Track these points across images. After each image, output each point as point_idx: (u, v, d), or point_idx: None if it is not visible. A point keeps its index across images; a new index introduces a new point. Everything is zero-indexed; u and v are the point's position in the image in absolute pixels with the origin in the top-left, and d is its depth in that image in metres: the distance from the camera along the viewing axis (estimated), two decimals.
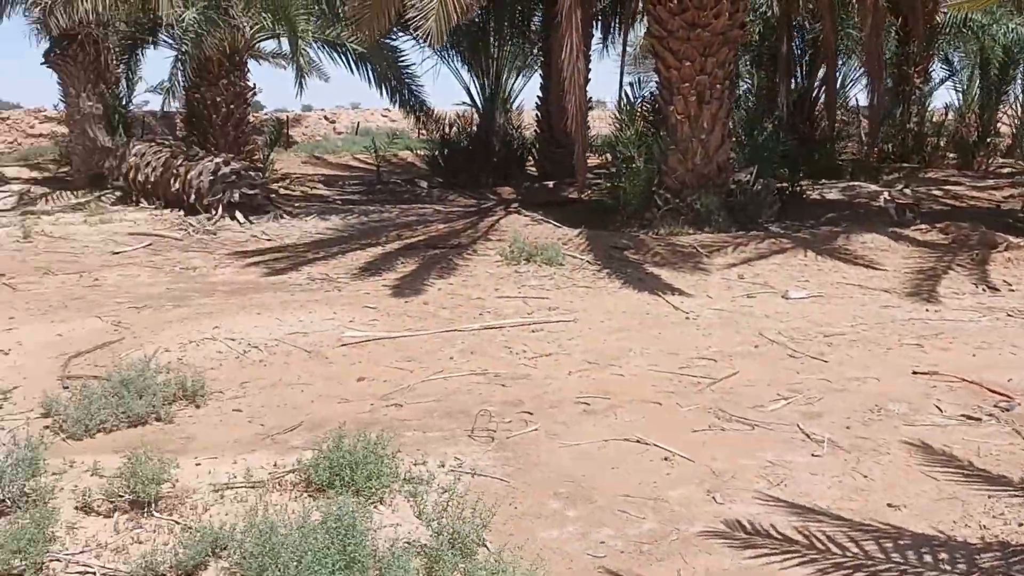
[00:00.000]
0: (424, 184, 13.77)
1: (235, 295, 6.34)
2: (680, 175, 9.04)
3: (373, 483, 2.97)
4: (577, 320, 5.61)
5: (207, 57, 11.08)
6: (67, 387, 4.19)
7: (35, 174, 16.19)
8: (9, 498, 2.84)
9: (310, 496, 2.99)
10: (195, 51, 10.33)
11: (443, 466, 3.28)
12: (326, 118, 29.62)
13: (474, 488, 3.09)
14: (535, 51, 14.85)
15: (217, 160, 9.89)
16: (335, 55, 12.91)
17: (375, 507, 2.89)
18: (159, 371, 4.02)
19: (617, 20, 14.22)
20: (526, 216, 9.72)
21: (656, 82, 10.23)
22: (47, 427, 3.63)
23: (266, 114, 26.28)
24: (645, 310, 5.96)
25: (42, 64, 12.88)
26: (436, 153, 14.33)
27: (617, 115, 11.30)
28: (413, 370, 4.56)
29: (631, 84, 13.25)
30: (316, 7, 11.79)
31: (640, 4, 11.76)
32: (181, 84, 10.82)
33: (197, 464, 3.26)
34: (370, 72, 13.19)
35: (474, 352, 4.90)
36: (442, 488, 3.03)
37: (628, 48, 13.51)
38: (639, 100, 12.69)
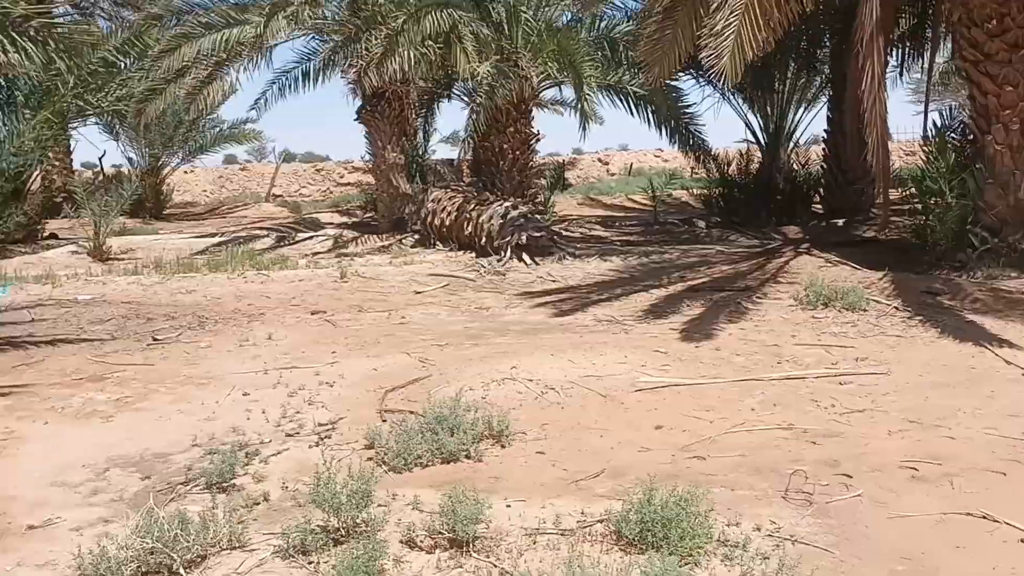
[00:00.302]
0: (702, 224, 13.52)
1: (527, 335, 6.52)
2: (999, 212, 8.11)
3: (686, 542, 2.84)
4: (890, 373, 5.13)
5: (497, 107, 11.71)
6: (385, 420, 4.48)
7: (345, 219, 18.02)
8: (344, 527, 3.05)
9: (621, 550, 2.92)
10: (489, 102, 10.95)
11: (759, 529, 3.07)
12: (599, 160, 30.21)
13: (796, 557, 2.85)
14: (821, 82, 14.15)
15: (506, 204, 10.36)
16: (615, 99, 13.12)
17: (691, 569, 2.75)
18: (467, 409, 4.17)
19: (912, 45, 13.14)
20: (818, 257, 9.18)
21: (967, 110, 9.32)
22: (370, 459, 3.88)
23: (541, 158, 27.38)
24: (969, 364, 5.32)
25: (354, 120, 14.30)
26: (714, 192, 14.04)
27: (922, 146, 10.38)
28: (712, 420, 4.38)
29: (936, 112, 12.18)
30: (599, 53, 12.08)
31: (949, 26, 10.77)
32: (475, 133, 11.45)
33: (507, 506, 3.31)
34: (649, 114, 13.25)
35: (777, 404, 4.62)
36: (759, 554, 2.83)
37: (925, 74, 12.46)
38: (944, 129, 11.62)
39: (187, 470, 3.81)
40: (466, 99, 19.01)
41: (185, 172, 25.50)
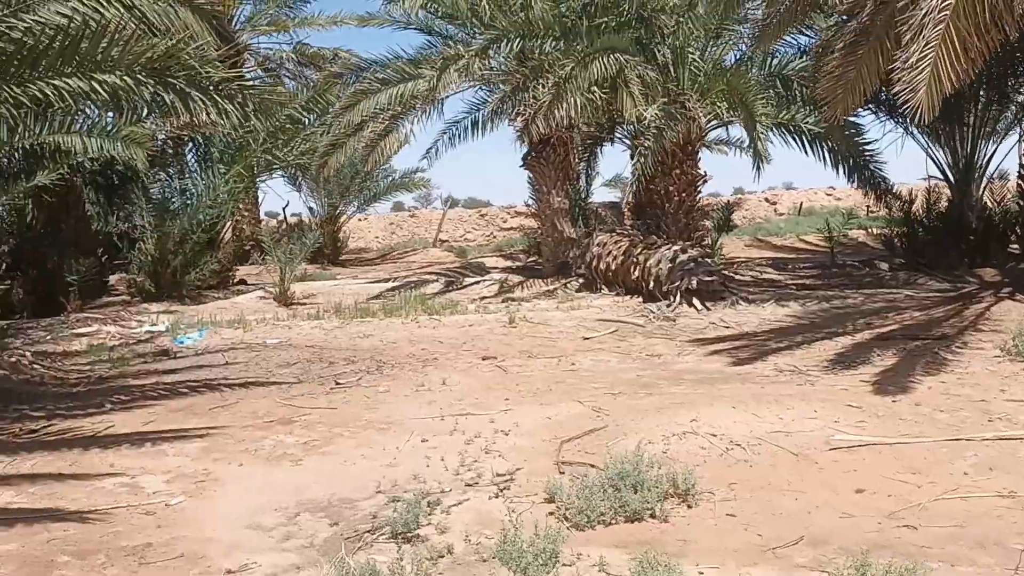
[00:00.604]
0: (884, 266, 12.74)
1: (703, 384, 6.27)
2: None
3: None
4: None
5: (663, 149, 11.55)
6: (563, 472, 4.39)
7: (509, 263, 18.28)
8: None
9: None
10: (656, 145, 10.82)
11: None
12: (766, 200, 29.29)
13: None
14: (1015, 113, 13.12)
15: (675, 248, 10.14)
16: (787, 137, 12.66)
17: None
18: (650, 465, 4.01)
19: None
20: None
21: None
22: (551, 513, 3.79)
23: (703, 199, 26.82)
24: None
25: (520, 166, 14.54)
26: (897, 232, 13.22)
27: None
28: (920, 484, 4.00)
29: None
30: (770, 91, 11.72)
31: None
32: (641, 176, 11.33)
33: (700, 573, 3.13)
34: (825, 152, 12.69)
35: (993, 468, 4.18)
36: None
37: None
38: None
39: (373, 517, 3.85)
40: (627, 142, 19.04)
41: (359, 219, 26.81)
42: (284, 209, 24.78)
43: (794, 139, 12.55)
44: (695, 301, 9.42)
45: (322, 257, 20.16)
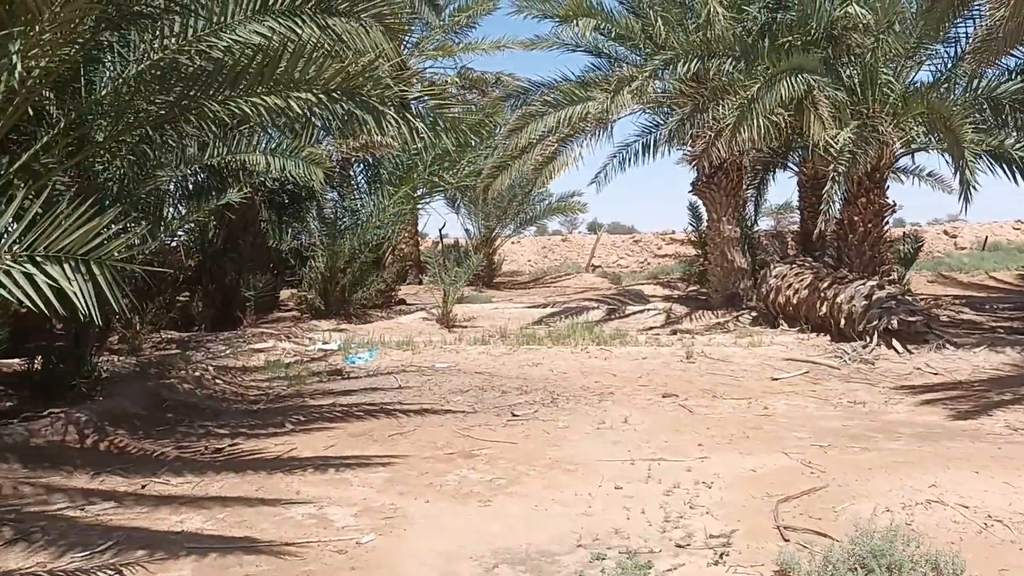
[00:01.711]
0: None
1: (924, 441, 5.55)
2: None
3: None
4: None
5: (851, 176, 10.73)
6: (788, 540, 3.86)
7: (667, 292, 17.66)
8: None
9: None
10: (850, 171, 10.05)
11: None
12: (945, 232, 27.34)
13: None
14: None
15: (870, 283, 9.32)
16: (994, 165, 11.50)
17: None
18: (904, 541, 3.42)
19: None
20: None
21: None
22: None
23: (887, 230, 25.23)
24: None
25: (689, 191, 13.98)
26: None
27: None
28: None
29: None
30: (977, 115, 10.69)
31: None
32: (829, 204, 10.53)
33: None
34: None
35: None
36: None
37: None
38: None
39: None
40: (794, 168, 18.08)
41: (512, 243, 26.82)
42: (441, 231, 25.13)
43: (1003, 168, 11.38)
44: (895, 343, 8.55)
45: (477, 280, 20.20)
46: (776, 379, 7.81)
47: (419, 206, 16.54)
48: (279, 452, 5.41)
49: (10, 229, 4.38)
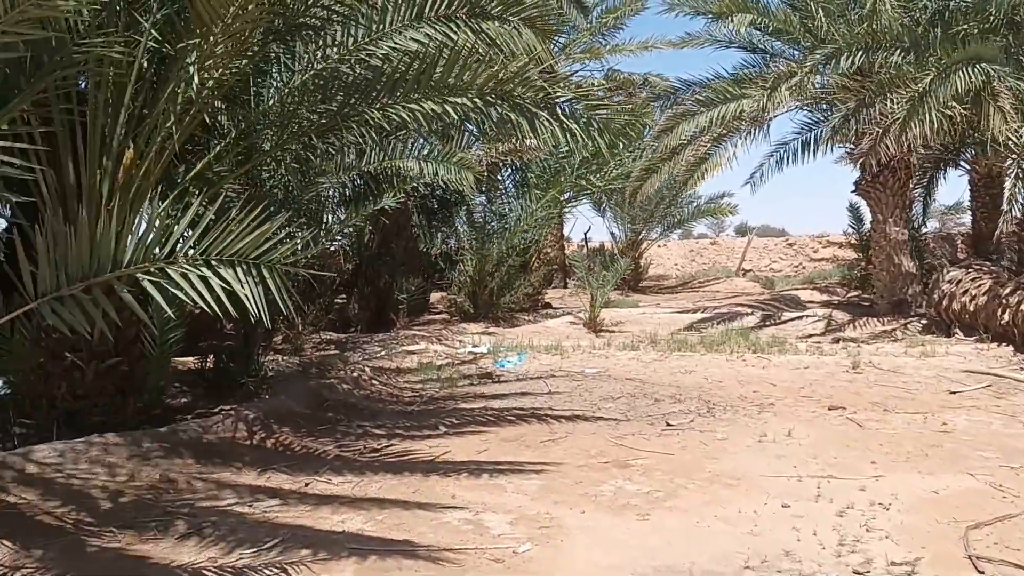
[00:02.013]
0: None
1: None
2: None
3: None
4: None
5: None
6: (982, 572, 3.50)
7: (826, 297, 16.85)
8: None
9: None
10: None
11: None
12: None
13: None
14: None
15: None
16: None
17: None
18: None
19: None
20: None
21: None
22: None
23: None
24: None
25: (852, 192, 13.24)
26: None
27: None
28: None
29: None
30: None
31: None
32: (1017, 203, 9.71)
33: None
34: None
35: None
36: None
37: None
38: None
39: None
40: (965, 166, 16.80)
41: (658, 246, 26.37)
42: (586, 234, 25.03)
43: None
44: None
45: (623, 284, 19.95)
46: (954, 392, 7.22)
47: (565, 209, 16.51)
48: (434, 454, 5.44)
49: (186, 234, 4.60)
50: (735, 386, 7.76)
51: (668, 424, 6.29)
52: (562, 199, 14.52)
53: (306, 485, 4.74)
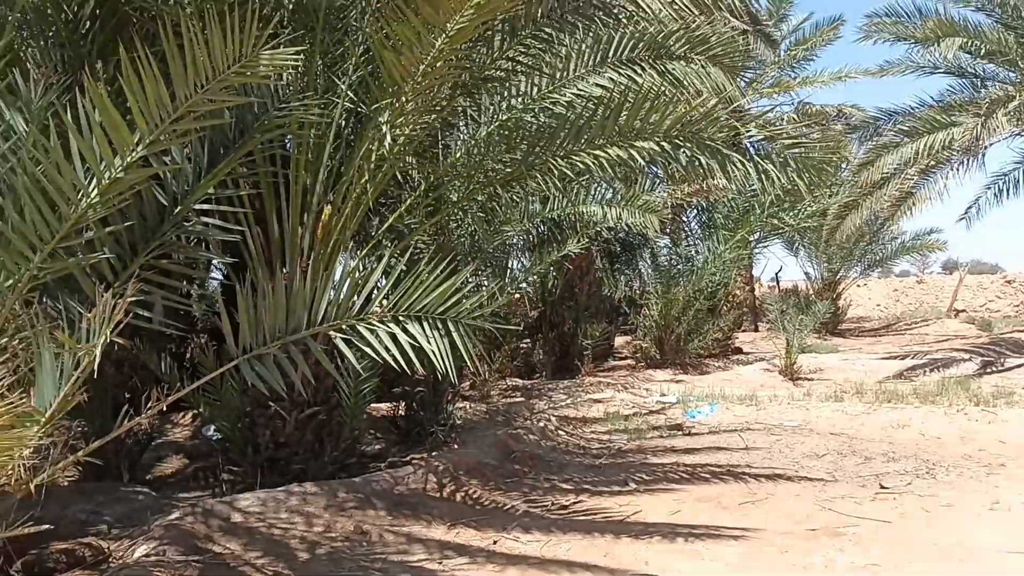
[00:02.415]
0: None
1: None
2: None
3: None
4: None
5: None
6: None
7: None
8: None
9: None
10: None
11: None
12: None
13: None
14: None
15: None
16: None
17: None
18: None
19: None
20: None
21: None
22: None
23: None
24: None
25: None
26: None
27: None
28: None
29: None
30: None
31: None
32: None
33: None
34: None
35: None
36: None
37: None
38: None
39: None
40: None
41: (858, 285, 24.78)
42: (777, 274, 23.96)
43: None
44: None
45: (821, 326, 18.81)
46: None
47: (756, 250, 15.82)
48: (624, 513, 5.20)
49: (379, 284, 4.68)
50: (957, 443, 6.98)
51: (882, 486, 5.71)
52: (752, 239, 13.92)
53: (494, 543, 4.63)
